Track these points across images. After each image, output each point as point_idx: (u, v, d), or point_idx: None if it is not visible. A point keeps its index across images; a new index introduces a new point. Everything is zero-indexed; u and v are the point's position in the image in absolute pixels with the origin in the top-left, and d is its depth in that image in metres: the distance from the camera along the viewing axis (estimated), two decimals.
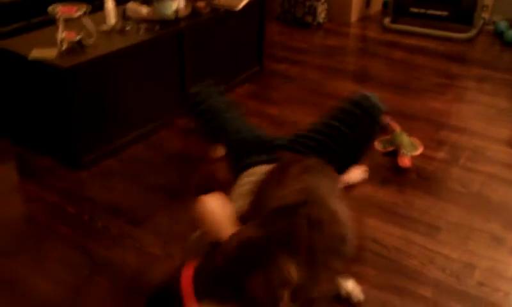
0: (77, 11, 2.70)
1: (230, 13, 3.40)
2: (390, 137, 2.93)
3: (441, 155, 2.90)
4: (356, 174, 2.63)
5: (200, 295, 1.38)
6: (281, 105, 3.44)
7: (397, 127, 3.03)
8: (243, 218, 1.56)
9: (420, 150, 2.90)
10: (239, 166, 1.98)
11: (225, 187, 1.90)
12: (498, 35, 4.69)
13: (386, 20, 4.87)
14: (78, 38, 2.75)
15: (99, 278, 2.03)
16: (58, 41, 2.69)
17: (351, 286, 1.97)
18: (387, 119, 3.13)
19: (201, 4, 3.33)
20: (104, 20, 3.02)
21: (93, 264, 2.10)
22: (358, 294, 1.96)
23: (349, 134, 1.93)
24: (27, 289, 1.96)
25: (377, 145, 2.93)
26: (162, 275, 2.03)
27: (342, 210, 1.56)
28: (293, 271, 1.36)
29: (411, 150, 2.84)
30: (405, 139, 2.87)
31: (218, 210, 1.58)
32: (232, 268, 1.39)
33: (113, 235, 2.26)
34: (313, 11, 4.79)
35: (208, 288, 1.39)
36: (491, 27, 4.84)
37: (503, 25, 4.65)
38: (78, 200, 2.48)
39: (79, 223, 2.33)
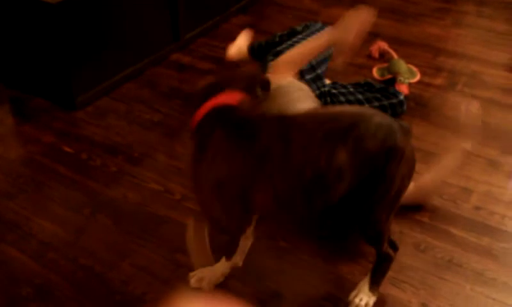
0: None
1: None
2: (387, 65, 2.89)
3: (438, 81, 2.87)
4: None
5: None
6: None
7: (394, 54, 2.99)
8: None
9: (418, 77, 2.87)
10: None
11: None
12: None
13: None
14: None
15: (101, 215, 2.05)
16: None
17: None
18: (385, 46, 3.09)
19: None
20: None
21: (94, 202, 2.12)
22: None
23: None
24: (31, 229, 1.99)
25: (375, 73, 2.90)
26: (164, 208, 2.06)
27: None
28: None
29: (408, 77, 2.81)
30: (403, 66, 2.84)
31: None
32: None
33: (112, 173, 2.27)
34: None
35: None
36: None
37: None
38: (75, 140, 2.47)
39: (77, 162, 2.33)
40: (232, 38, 3.28)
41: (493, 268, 1.83)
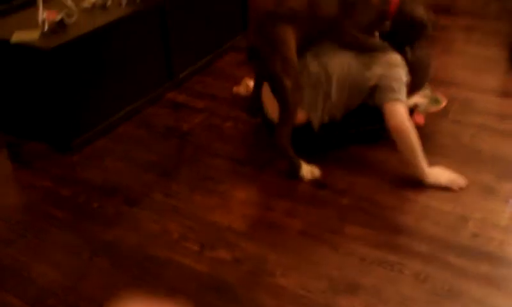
0: None
1: None
2: None
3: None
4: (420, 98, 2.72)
5: None
6: None
7: None
8: None
9: (443, 104, 2.79)
10: None
11: None
12: None
13: None
14: (59, 17, 2.71)
15: (99, 259, 2.05)
16: (40, 22, 2.66)
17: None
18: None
19: None
20: None
21: (93, 245, 2.12)
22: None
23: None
24: (31, 275, 1.99)
25: None
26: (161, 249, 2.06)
27: None
28: None
29: (430, 106, 2.75)
30: (427, 94, 2.78)
31: None
32: None
33: (110, 215, 2.28)
34: None
35: None
36: None
37: None
38: (72, 183, 2.49)
39: (75, 206, 2.34)
40: (226, 75, 3.33)
41: (494, 295, 1.83)
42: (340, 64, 2.39)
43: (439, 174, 2.34)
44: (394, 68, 2.38)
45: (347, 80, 2.39)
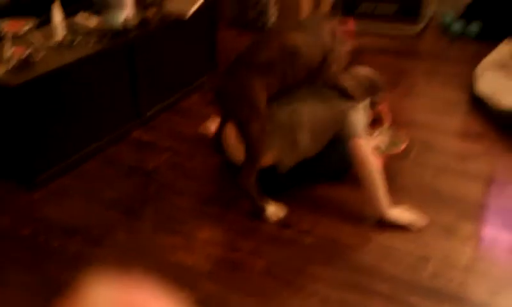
0: (24, 26, 2.66)
1: (180, 20, 3.40)
2: (378, 129, 2.87)
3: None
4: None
5: None
6: None
7: (387, 122, 2.99)
8: None
9: (404, 146, 2.84)
10: None
11: None
12: (445, 28, 4.82)
13: (336, 20, 4.93)
14: (26, 53, 2.69)
15: (58, 301, 2.00)
16: (6, 58, 2.64)
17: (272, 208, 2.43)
18: (384, 109, 3.08)
19: (150, 13, 3.31)
20: (52, 33, 2.98)
21: (52, 287, 2.07)
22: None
23: None
24: None
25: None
26: None
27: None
28: None
29: (389, 148, 2.82)
30: (388, 136, 2.84)
31: None
32: None
33: (70, 255, 2.24)
34: (265, 14, 4.83)
35: None
36: (437, 21, 4.96)
37: (449, 17, 4.78)
38: (32, 221, 2.44)
39: (35, 245, 2.29)
40: (192, 114, 3.35)
41: None
42: (308, 109, 2.44)
43: (400, 213, 2.39)
44: (357, 106, 2.46)
45: (316, 124, 2.43)
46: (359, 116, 2.44)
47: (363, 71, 2.65)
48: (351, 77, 2.56)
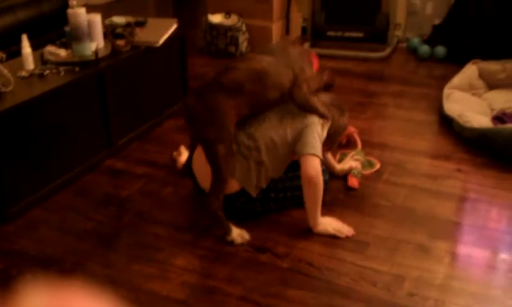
0: None
1: (151, 49, 3.41)
2: (350, 153, 3.02)
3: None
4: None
5: None
6: None
7: (359, 144, 3.13)
8: None
9: (377, 167, 3.00)
10: None
11: None
12: (412, 51, 4.93)
13: (306, 45, 5.02)
14: None
15: None
16: None
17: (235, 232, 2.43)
18: (354, 133, 3.21)
19: (121, 43, 3.32)
20: (21, 65, 2.96)
21: None
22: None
23: None
24: None
25: (338, 157, 3.02)
26: None
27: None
28: None
29: (364, 169, 2.93)
30: (362, 158, 2.98)
31: None
32: None
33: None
34: (235, 42, 4.87)
35: None
36: (405, 45, 5.08)
37: (416, 41, 4.90)
38: (4, 255, 2.39)
39: (6, 279, 2.24)
40: (165, 142, 3.34)
41: None
42: (267, 130, 2.48)
43: (327, 223, 2.49)
44: (313, 125, 2.50)
45: (276, 143, 2.47)
46: (315, 134, 2.48)
47: (326, 96, 2.71)
48: (319, 99, 2.60)
